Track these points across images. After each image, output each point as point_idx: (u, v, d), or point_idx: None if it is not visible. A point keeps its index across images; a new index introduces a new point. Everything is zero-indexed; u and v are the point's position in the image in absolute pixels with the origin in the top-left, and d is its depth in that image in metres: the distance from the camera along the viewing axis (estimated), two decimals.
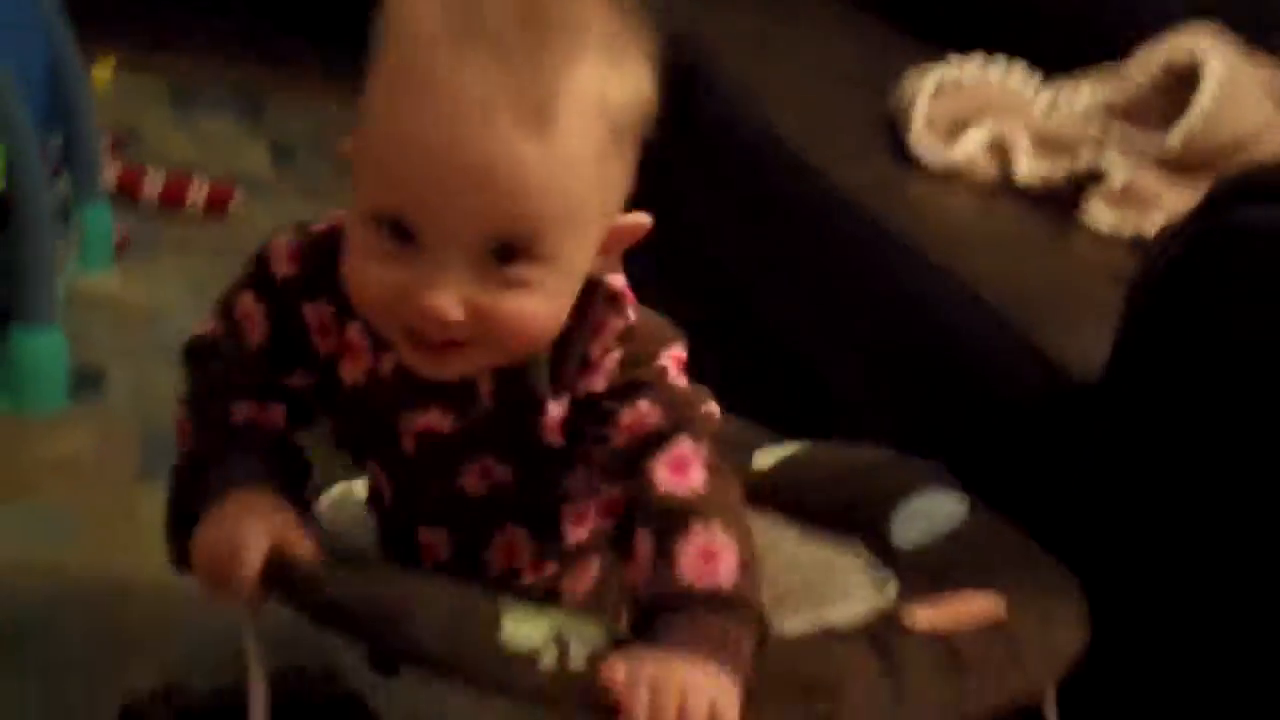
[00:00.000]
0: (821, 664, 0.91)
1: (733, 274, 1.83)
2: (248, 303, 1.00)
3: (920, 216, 1.58)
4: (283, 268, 0.99)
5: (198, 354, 1.03)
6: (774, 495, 1.23)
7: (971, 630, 0.97)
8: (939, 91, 1.77)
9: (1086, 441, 1.18)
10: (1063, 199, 1.67)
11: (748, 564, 0.89)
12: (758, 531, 1.16)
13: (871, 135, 1.81)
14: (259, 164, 2.86)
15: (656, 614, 0.87)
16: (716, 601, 0.86)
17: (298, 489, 0.99)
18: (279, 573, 0.89)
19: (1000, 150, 1.72)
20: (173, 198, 2.50)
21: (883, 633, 0.96)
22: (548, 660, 0.84)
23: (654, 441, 0.92)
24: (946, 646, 0.95)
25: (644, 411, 0.93)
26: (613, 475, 0.94)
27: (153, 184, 2.49)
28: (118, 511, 1.59)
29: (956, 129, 1.76)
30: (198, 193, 2.51)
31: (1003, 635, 0.98)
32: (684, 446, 0.91)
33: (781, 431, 1.31)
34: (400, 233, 0.86)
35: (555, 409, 0.95)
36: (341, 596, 0.88)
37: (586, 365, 0.95)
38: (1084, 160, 1.66)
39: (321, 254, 0.96)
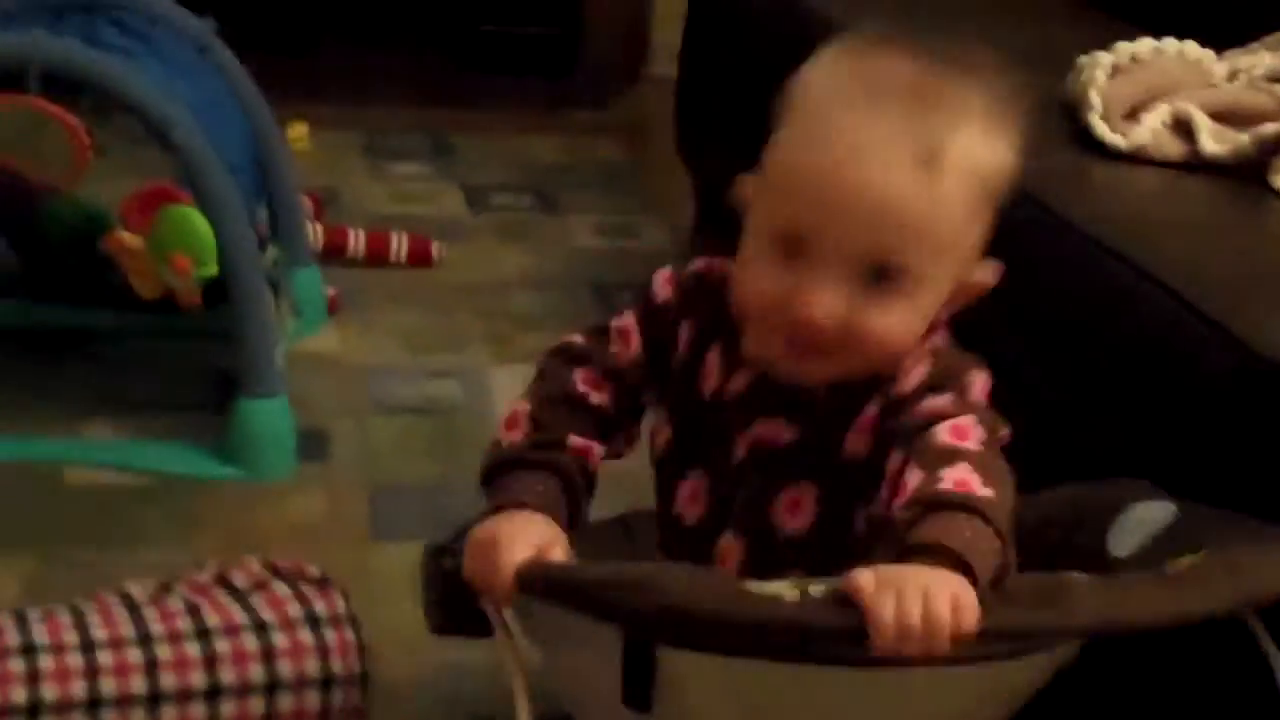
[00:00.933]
0: (1051, 580, 0.95)
1: None
2: (629, 320, 1.16)
3: (1104, 204, 1.57)
4: (663, 292, 1.16)
5: (564, 353, 1.16)
6: None
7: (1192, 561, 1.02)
8: (1115, 72, 1.75)
9: None
10: (1255, 169, 1.64)
11: (1003, 501, 0.94)
12: None
13: (1050, 122, 1.79)
14: (454, 209, 2.94)
15: (910, 519, 0.92)
16: (968, 506, 0.92)
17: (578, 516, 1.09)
18: (534, 571, 0.96)
19: (1184, 127, 1.70)
20: (377, 254, 2.59)
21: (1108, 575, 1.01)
22: (791, 595, 0.89)
23: (941, 417, 1.00)
24: (1169, 573, 1.00)
25: (944, 402, 1.02)
26: (904, 445, 1.00)
27: (356, 243, 2.58)
28: (352, 572, 1.66)
29: (1137, 109, 1.74)
30: (399, 246, 2.60)
31: (1221, 557, 1.02)
32: (966, 421, 0.99)
33: None
34: (791, 247, 1.02)
35: (870, 410, 1.06)
36: (590, 577, 0.93)
37: (900, 376, 1.05)
38: (1271, 128, 1.62)
39: (695, 284, 1.15)
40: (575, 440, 1.09)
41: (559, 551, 1.00)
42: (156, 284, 1.91)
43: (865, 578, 0.87)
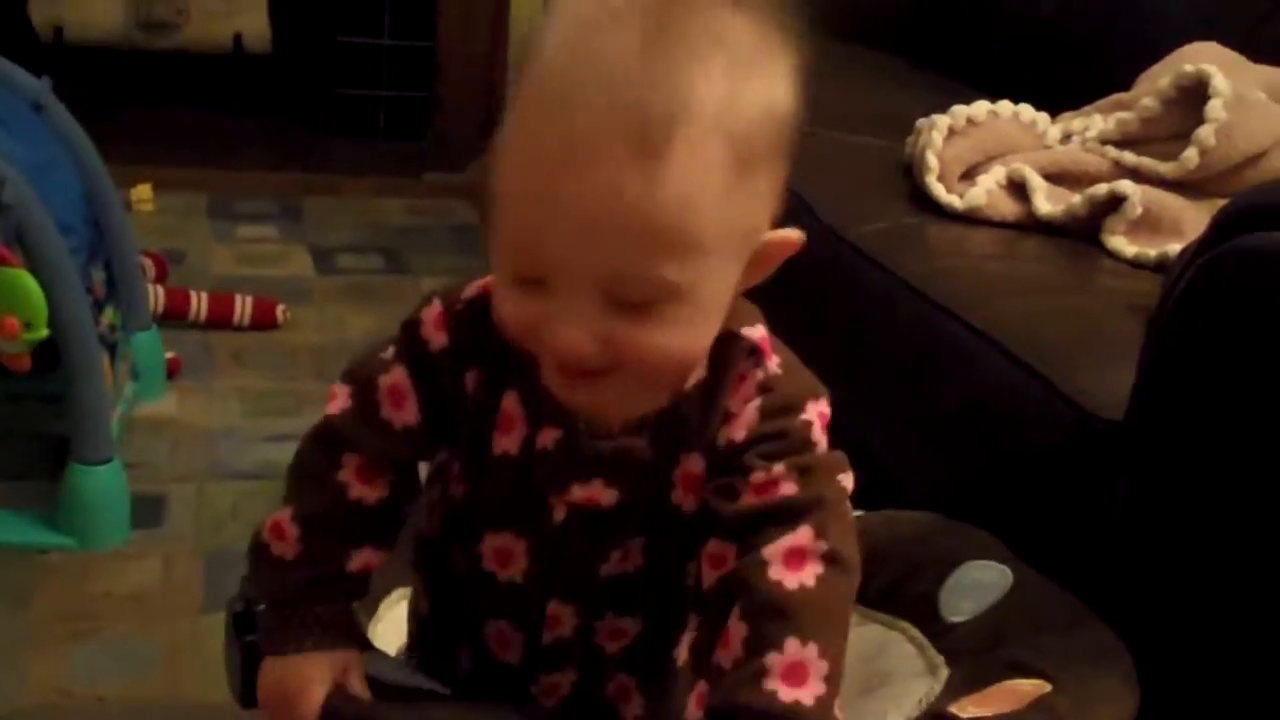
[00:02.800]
0: None
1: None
2: (399, 378, 0.97)
3: (940, 264, 1.58)
4: (437, 338, 0.97)
5: (326, 441, 0.99)
6: None
7: (1017, 713, 0.98)
8: (951, 135, 1.78)
9: (1117, 482, 1.18)
10: (1088, 229, 1.67)
11: (833, 680, 0.88)
12: None
13: (889, 184, 1.81)
14: (301, 270, 2.91)
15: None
16: None
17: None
18: (337, 715, 0.94)
19: (1019, 188, 1.73)
20: (220, 316, 2.55)
21: None
22: None
23: (778, 517, 0.90)
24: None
25: (778, 476, 0.91)
26: (728, 536, 0.92)
27: (198, 305, 2.54)
28: (186, 643, 1.61)
29: (973, 171, 1.76)
30: (243, 308, 2.56)
31: (1049, 716, 0.98)
32: (804, 536, 0.89)
33: None
34: (528, 273, 0.85)
35: (697, 463, 0.95)
36: None
37: (728, 418, 0.94)
38: (1104, 188, 1.66)
39: (472, 321, 0.95)
40: (354, 561, 0.98)
41: (355, 677, 0.97)
42: None
43: None
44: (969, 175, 1.76)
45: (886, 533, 1.23)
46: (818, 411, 0.95)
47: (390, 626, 1.19)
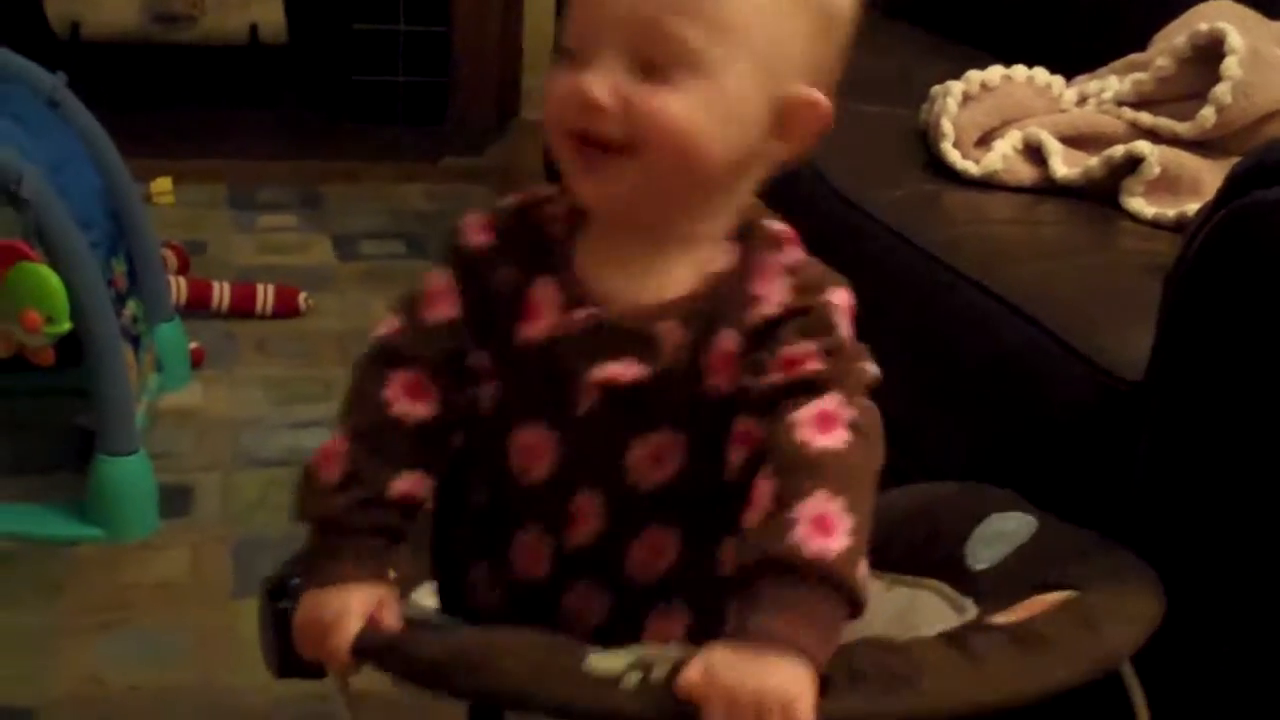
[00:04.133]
0: (902, 657, 0.91)
1: None
2: (441, 280, 1.01)
3: (957, 231, 1.58)
4: (476, 237, 1.01)
5: (377, 357, 1.02)
6: None
7: (1047, 611, 0.99)
8: (966, 100, 1.77)
9: (1139, 442, 1.17)
10: (1105, 192, 1.66)
11: (859, 535, 0.88)
12: None
13: (905, 152, 1.81)
14: (323, 258, 2.92)
15: (756, 577, 0.87)
16: (817, 572, 0.86)
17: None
18: (369, 643, 0.94)
19: (1036, 152, 1.72)
20: (242, 306, 2.56)
21: (961, 633, 0.97)
22: (631, 679, 0.86)
23: (807, 388, 0.92)
24: (1023, 629, 0.96)
25: (803, 354, 0.93)
26: (756, 411, 0.94)
27: (221, 295, 2.55)
28: (217, 629, 1.62)
29: (989, 136, 1.76)
30: (265, 298, 2.57)
31: (1079, 609, 0.99)
32: (832, 403, 0.91)
33: None
34: (578, 49, 0.93)
35: (729, 341, 0.96)
36: (428, 655, 0.91)
37: (756, 301, 0.96)
38: (1120, 150, 1.65)
39: (515, 220, 1.01)
40: (397, 486, 0.99)
41: (389, 613, 0.96)
42: (8, 342, 1.86)
43: (699, 674, 0.84)
44: (985, 141, 1.75)
45: (907, 502, 1.23)
46: (843, 297, 0.97)
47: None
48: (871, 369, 0.96)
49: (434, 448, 1.02)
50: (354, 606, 0.96)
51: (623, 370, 0.97)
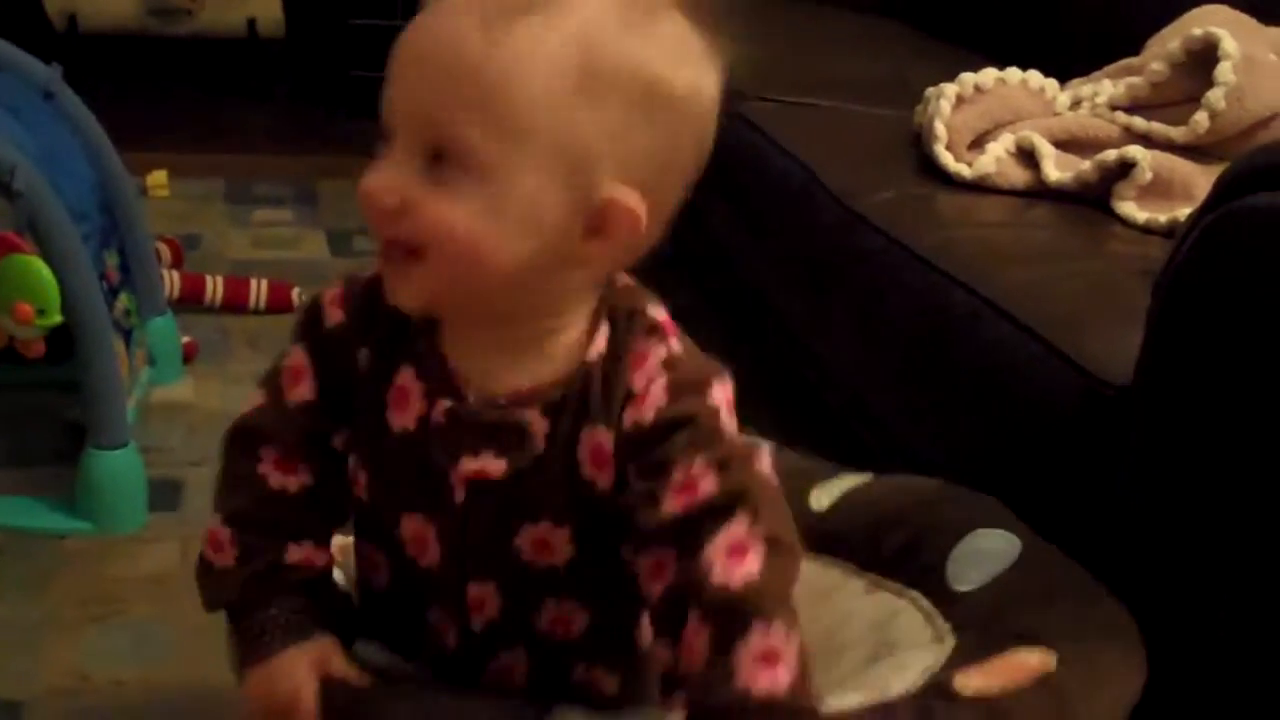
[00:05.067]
0: None
1: (773, 307, 1.84)
2: (298, 358, 0.99)
3: (948, 234, 1.58)
4: (333, 315, 0.97)
5: (242, 438, 1.00)
6: (835, 541, 1.22)
7: (1020, 689, 0.97)
8: (960, 103, 1.77)
9: (1126, 446, 1.17)
10: (1098, 196, 1.66)
11: (805, 659, 0.87)
12: (820, 578, 1.17)
13: (898, 154, 1.81)
14: (317, 253, 2.92)
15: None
16: (771, 710, 0.85)
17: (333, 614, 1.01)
18: (335, 703, 0.94)
19: (1029, 155, 1.72)
20: (235, 300, 2.55)
21: (931, 702, 0.96)
22: None
23: (709, 516, 0.88)
24: (993, 709, 0.95)
25: (697, 474, 0.89)
26: (662, 543, 0.90)
27: (214, 290, 2.54)
28: (206, 624, 1.61)
29: (982, 139, 1.76)
30: (258, 292, 2.56)
31: (1052, 693, 0.97)
32: (739, 527, 0.88)
33: (838, 461, 1.31)
34: (384, 139, 0.88)
35: (603, 437, 0.92)
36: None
37: (631, 397, 0.91)
38: (1113, 154, 1.65)
39: (369, 298, 0.96)
40: (292, 554, 0.98)
41: (338, 663, 0.96)
42: None
43: None
44: (978, 143, 1.76)
45: (895, 499, 1.23)
46: (723, 394, 0.92)
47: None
48: (766, 469, 0.92)
49: (319, 514, 1.01)
50: (300, 672, 0.95)
51: (485, 465, 0.94)
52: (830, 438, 1.40)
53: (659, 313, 0.95)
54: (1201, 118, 1.64)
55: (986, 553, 1.15)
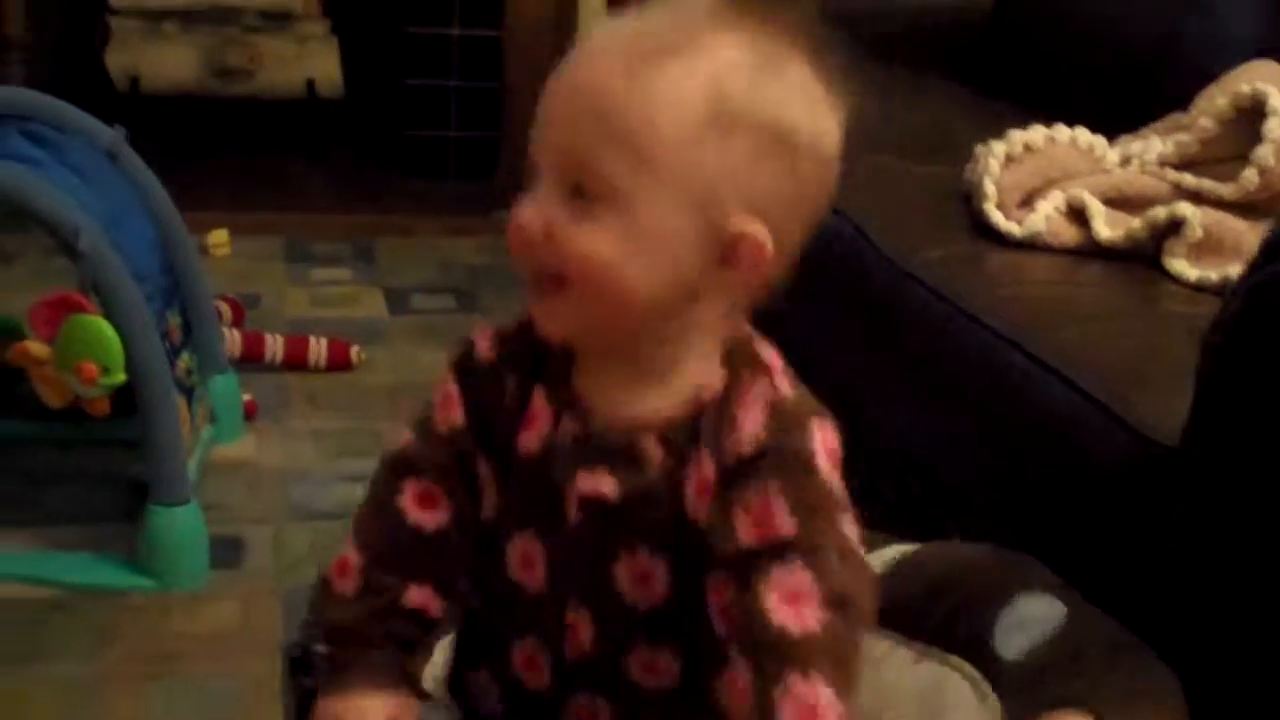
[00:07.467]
0: None
1: (822, 365, 1.84)
2: (450, 388, 1.03)
3: (1000, 292, 1.59)
4: (485, 351, 1.03)
5: (391, 467, 1.04)
6: (883, 610, 1.22)
7: None
8: (1009, 161, 1.78)
9: (1175, 507, 1.18)
10: (1149, 254, 1.67)
11: (849, 690, 0.88)
12: (870, 648, 1.17)
13: (948, 212, 1.82)
14: (375, 311, 2.95)
15: None
16: None
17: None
18: None
19: (1078, 213, 1.72)
20: (295, 358, 2.59)
21: None
22: None
23: (777, 554, 0.89)
24: None
25: (776, 509, 0.90)
26: (729, 574, 0.92)
27: (274, 348, 2.58)
28: (265, 681, 1.63)
29: (1032, 197, 1.77)
30: (318, 350, 2.59)
31: None
32: (803, 576, 0.89)
33: (892, 529, 1.31)
34: (530, 178, 0.94)
35: (709, 470, 0.94)
36: None
37: (736, 432, 0.93)
38: (1164, 211, 1.65)
39: (518, 335, 1.02)
40: (411, 597, 1.01)
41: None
42: (64, 393, 1.90)
43: None
44: (1028, 201, 1.76)
45: (941, 566, 1.23)
46: (823, 436, 0.94)
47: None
48: (849, 530, 0.92)
49: (446, 561, 1.03)
50: (371, 717, 0.97)
51: (599, 484, 0.97)
52: (880, 495, 1.40)
53: (772, 357, 0.98)
54: (1251, 174, 1.65)
55: (1032, 619, 1.14)
